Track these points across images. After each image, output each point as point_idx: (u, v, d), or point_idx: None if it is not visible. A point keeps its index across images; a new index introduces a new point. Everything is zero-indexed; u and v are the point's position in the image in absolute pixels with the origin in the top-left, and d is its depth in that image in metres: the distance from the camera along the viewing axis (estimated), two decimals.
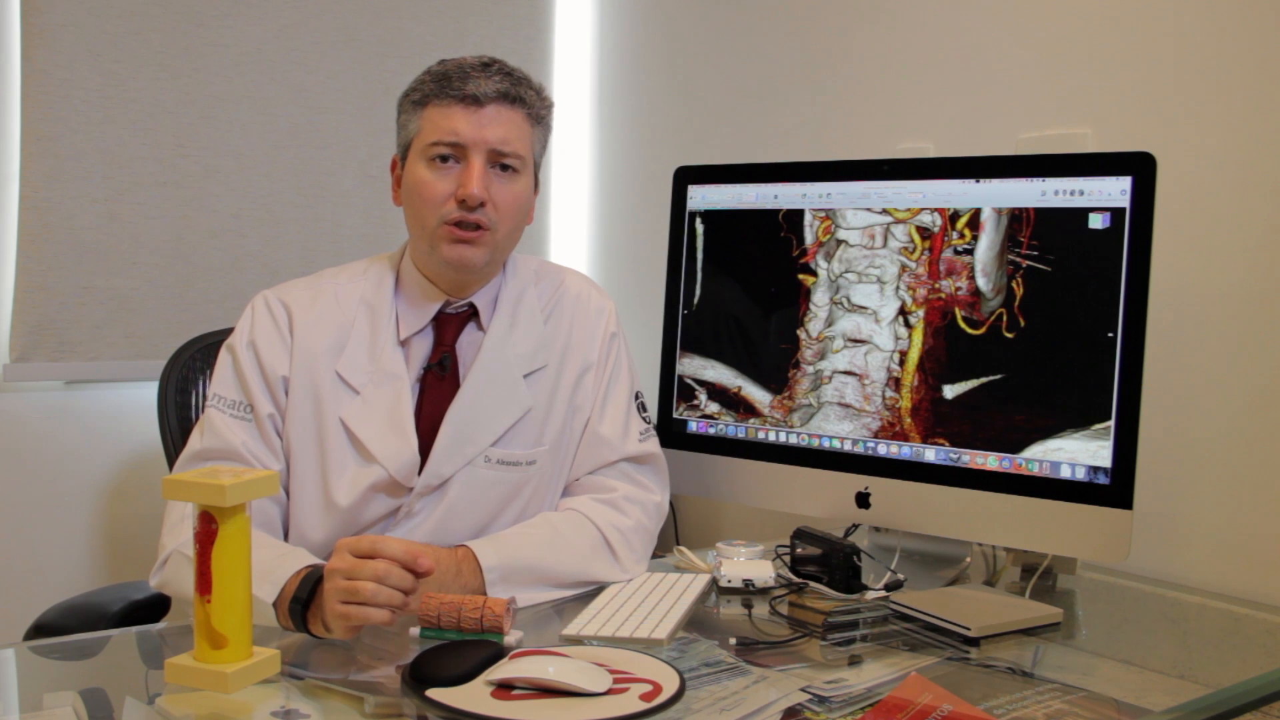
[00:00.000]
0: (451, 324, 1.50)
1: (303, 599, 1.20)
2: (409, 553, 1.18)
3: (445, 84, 1.42)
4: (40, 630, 1.50)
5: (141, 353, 2.17)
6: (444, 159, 1.41)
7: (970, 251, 1.48)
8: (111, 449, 2.20)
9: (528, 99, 1.45)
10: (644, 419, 1.58)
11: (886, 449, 1.53)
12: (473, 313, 1.51)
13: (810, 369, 1.60)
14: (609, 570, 1.45)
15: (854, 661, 1.23)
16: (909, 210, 1.54)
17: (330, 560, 1.19)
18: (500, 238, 1.45)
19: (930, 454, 1.50)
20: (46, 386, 2.15)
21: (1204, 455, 1.56)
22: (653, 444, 1.58)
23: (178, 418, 1.73)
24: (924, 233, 1.52)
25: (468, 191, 1.39)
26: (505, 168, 1.43)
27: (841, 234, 1.59)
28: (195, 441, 1.42)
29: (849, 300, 1.57)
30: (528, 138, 1.46)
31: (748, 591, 1.46)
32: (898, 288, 1.53)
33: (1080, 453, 1.38)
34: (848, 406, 1.57)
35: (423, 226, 1.44)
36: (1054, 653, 1.28)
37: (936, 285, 1.50)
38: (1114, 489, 1.36)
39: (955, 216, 1.50)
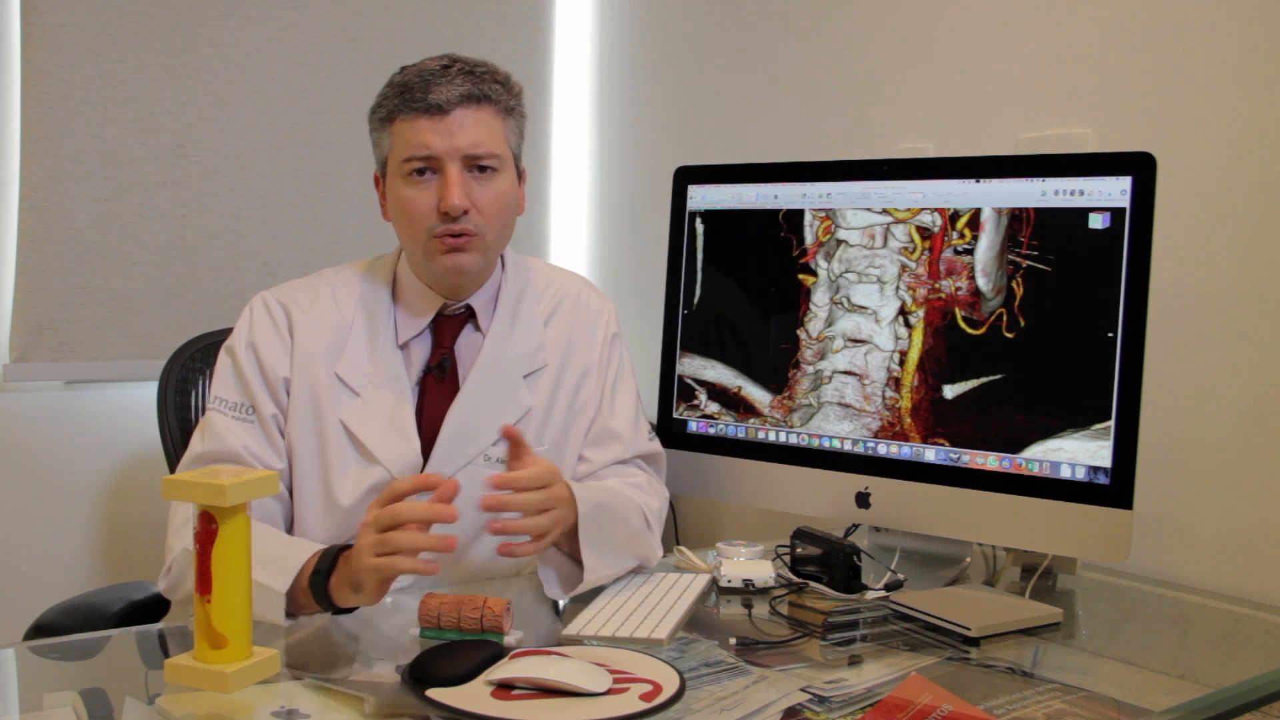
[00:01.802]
0: (449, 326, 1.50)
1: (324, 570, 1.21)
2: (423, 481, 1.20)
3: (408, 96, 1.40)
4: (40, 630, 1.50)
5: (141, 353, 2.17)
6: (420, 172, 1.41)
7: (970, 251, 1.48)
8: (111, 449, 2.20)
9: (493, 94, 1.43)
10: (647, 420, 1.60)
11: (886, 449, 1.53)
12: (470, 314, 1.51)
13: (810, 369, 1.60)
14: (650, 544, 1.47)
15: (854, 661, 1.23)
16: (909, 210, 1.54)
17: (365, 519, 1.21)
18: (490, 239, 1.45)
19: (930, 454, 1.50)
20: (46, 386, 2.15)
21: (1204, 455, 1.56)
22: (658, 444, 1.61)
23: (177, 418, 1.73)
24: (924, 233, 1.52)
25: (449, 204, 1.39)
26: (483, 169, 1.42)
27: (841, 234, 1.59)
28: (196, 444, 1.42)
29: (849, 300, 1.57)
30: (500, 133, 1.44)
31: (748, 591, 1.46)
32: (898, 288, 1.53)
33: (1080, 453, 1.38)
34: (848, 406, 1.57)
35: (414, 241, 1.44)
36: (1054, 653, 1.28)
37: (936, 285, 1.50)
38: (1114, 489, 1.36)
39: (955, 216, 1.50)
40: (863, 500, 1.55)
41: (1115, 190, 1.39)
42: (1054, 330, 1.41)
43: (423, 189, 1.41)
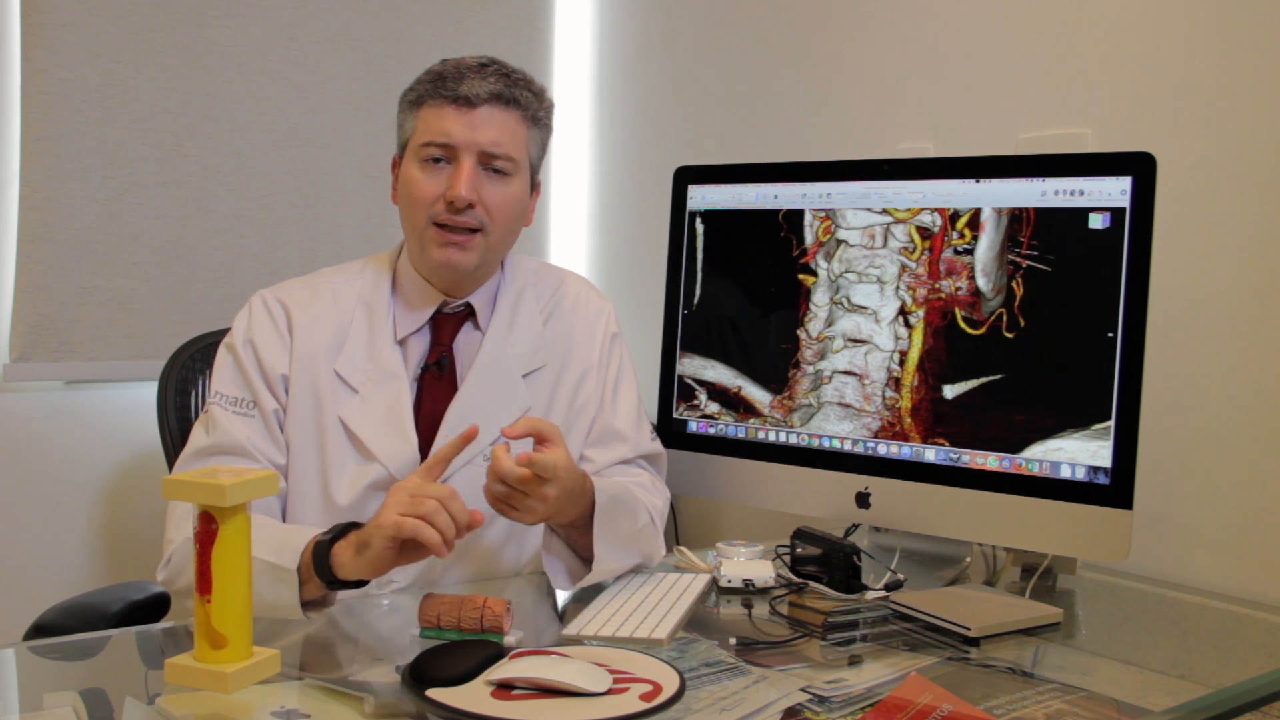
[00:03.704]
0: (448, 324, 1.50)
1: (326, 541, 1.21)
2: (473, 516, 1.20)
3: (440, 84, 1.42)
4: (40, 630, 1.50)
5: (141, 353, 2.17)
6: (436, 160, 1.42)
7: (970, 251, 1.48)
8: (111, 449, 2.20)
9: (523, 100, 1.44)
10: (648, 419, 1.60)
11: (886, 449, 1.53)
12: (469, 312, 1.51)
13: (810, 369, 1.60)
14: (654, 542, 1.48)
15: (854, 661, 1.23)
16: (909, 210, 1.54)
17: (400, 482, 1.22)
18: (493, 240, 1.45)
19: (930, 454, 1.50)
20: (46, 386, 2.15)
21: (1204, 455, 1.56)
22: (659, 444, 1.61)
23: (177, 418, 1.73)
24: (924, 233, 1.52)
25: (455, 193, 1.39)
26: (497, 170, 1.43)
27: (841, 234, 1.59)
28: (201, 438, 1.42)
29: (849, 300, 1.57)
30: (522, 140, 1.45)
31: (748, 591, 1.46)
32: (898, 288, 1.53)
33: (1080, 453, 1.38)
34: (848, 406, 1.57)
35: (413, 226, 1.45)
36: (1054, 653, 1.28)
37: (936, 285, 1.50)
38: (1114, 489, 1.36)
39: (955, 216, 1.50)
40: (863, 500, 1.55)
41: (1115, 190, 1.39)
42: (1054, 330, 1.41)
43: (433, 175, 1.42)
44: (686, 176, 1.74)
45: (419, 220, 1.43)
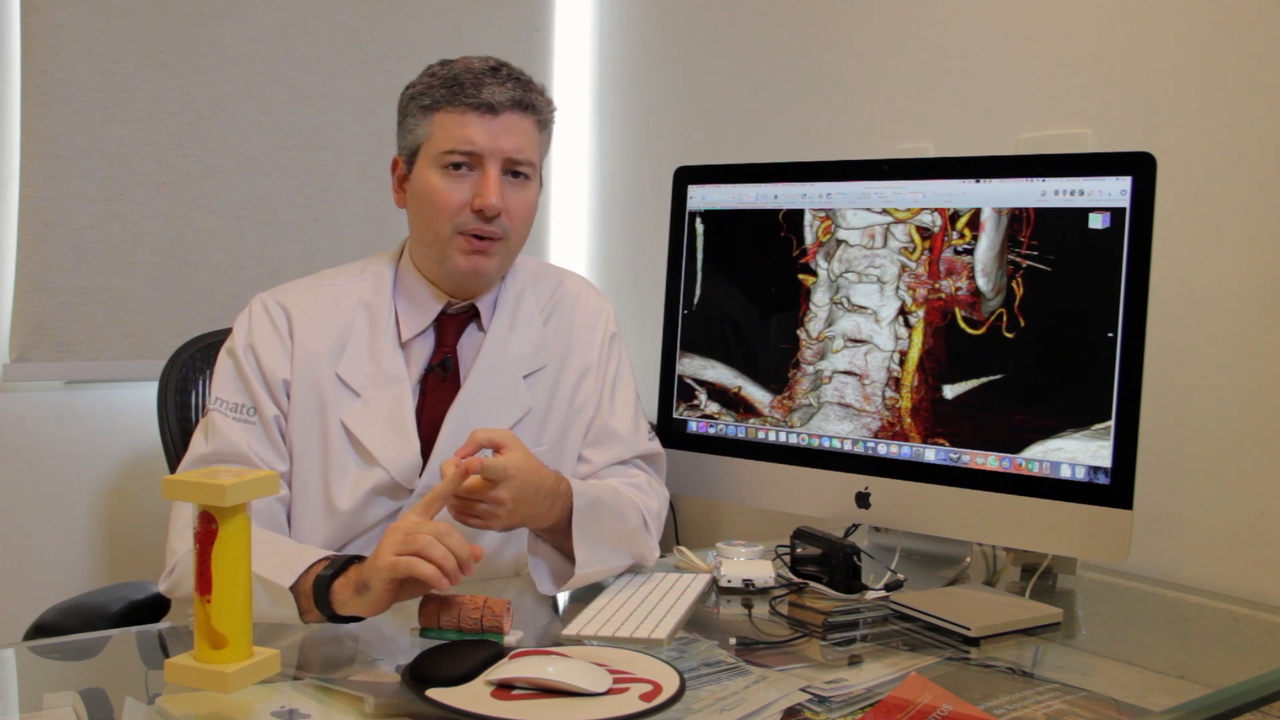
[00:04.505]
0: (452, 325, 1.50)
1: (328, 575, 1.18)
2: (473, 551, 1.17)
3: (458, 90, 1.40)
4: (40, 630, 1.50)
5: (141, 353, 2.17)
6: (457, 166, 1.41)
7: (970, 251, 1.48)
8: (111, 449, 2.20)
9: (538, 105, 1.44)
10: (646, 419, 1.60)
11: (886, 449, 1.53)
12: (473, 313, 1.51)
13: (810, 369, 1.60)
14: (646, 544, 1.47)
15: (854, 661, 1.23)
16: (909, 210, 1.54)
17: (395, 522, 1.19)
18: (513, 245, 1.46)
19: (930, 454, 1.50)
20: (46, 386, 2.15)
21: (1204, 455, 1.56)
22: (658, 444, 1.61)
23: (177, 418, 1.73)
24: (924, 233, 1.52)
25: (486, 202, 1.39)
26: (518, 175, 1.43)
27: (841, 234, 1.59)
28: (200, 445, 1.41)
29: (849, 300, 1.57)
30: (537, 144, 1.46)
31: (748, 591, 1.46)
32: (898, 288, 1.53)
33: (1080, 453, 1.38)
34: (848, 406, 1.57)
35: (435, 234, 1.43)
36: (1054, 653, 1.28)
37: (936, 285, 1.50)
38: (1114, 489, 1.36)
39: (955, 216, 1.50)
40: (863, 500, 1.55)
41: (1115, 190, 1.39)
42: (1054, 330, 1.41)
43: (458, 182, 1.41)
44: (686, 176, 1.74)
45: (444, 229, 1.42)
